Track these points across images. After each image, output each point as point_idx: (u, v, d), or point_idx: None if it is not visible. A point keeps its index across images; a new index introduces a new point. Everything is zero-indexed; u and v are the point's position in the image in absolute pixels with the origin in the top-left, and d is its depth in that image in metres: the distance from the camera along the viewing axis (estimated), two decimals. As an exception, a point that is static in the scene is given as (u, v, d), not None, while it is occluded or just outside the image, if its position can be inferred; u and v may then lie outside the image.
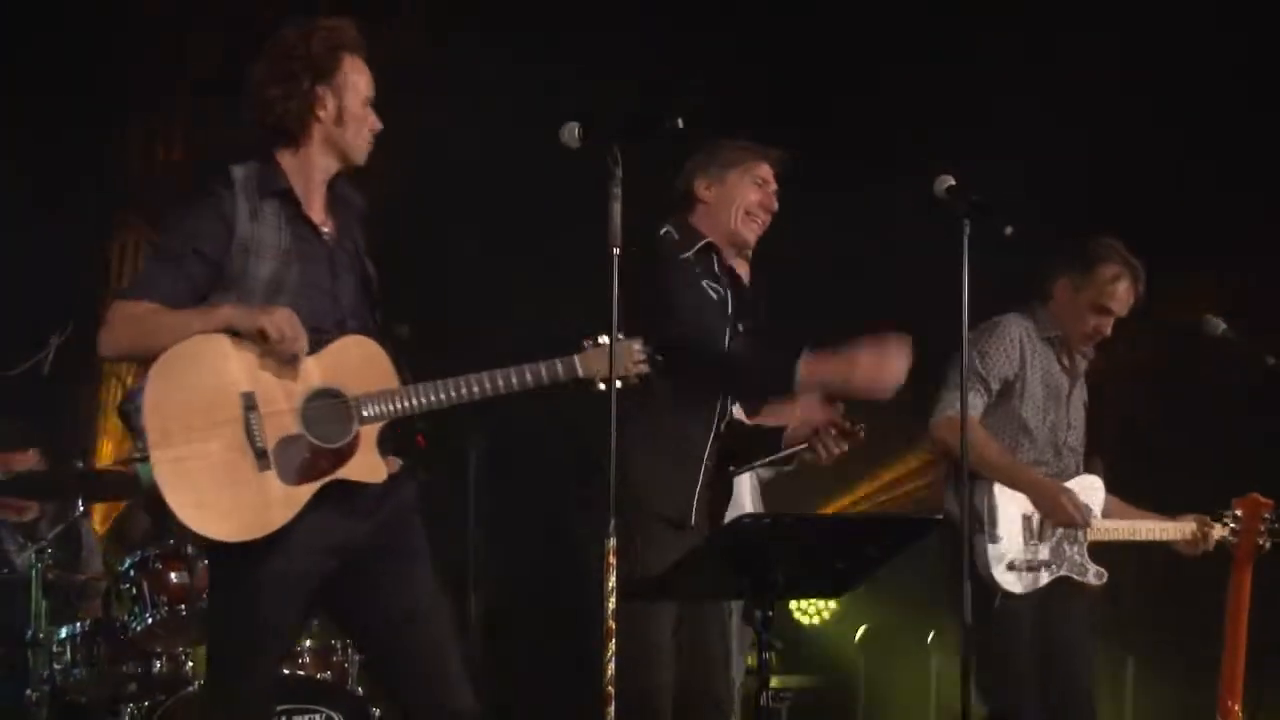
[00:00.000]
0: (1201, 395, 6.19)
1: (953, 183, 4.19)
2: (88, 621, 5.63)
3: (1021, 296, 5.27)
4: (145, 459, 3.57)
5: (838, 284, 6.86)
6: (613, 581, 3.67)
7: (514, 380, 3.84)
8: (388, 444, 3.79)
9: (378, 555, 3.78)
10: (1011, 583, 4.92)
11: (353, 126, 3.86)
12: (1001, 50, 6.89)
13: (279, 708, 5.21)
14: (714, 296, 4.40)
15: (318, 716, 5.34)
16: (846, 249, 6.82)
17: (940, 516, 3.76)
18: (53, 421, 6.36)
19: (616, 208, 3.74)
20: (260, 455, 3.62)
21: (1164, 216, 6.41)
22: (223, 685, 3.82)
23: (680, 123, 3.85)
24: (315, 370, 3.71)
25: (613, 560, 3.68)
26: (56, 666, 5.50)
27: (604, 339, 3.90)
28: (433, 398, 3.77)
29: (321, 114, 3.83)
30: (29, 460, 6.17)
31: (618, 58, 6.73)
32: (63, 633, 5.58)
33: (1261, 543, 4.91)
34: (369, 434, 3.72)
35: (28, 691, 5.43)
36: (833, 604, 6.71)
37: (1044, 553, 4.98)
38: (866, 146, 6.91)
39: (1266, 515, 4.93)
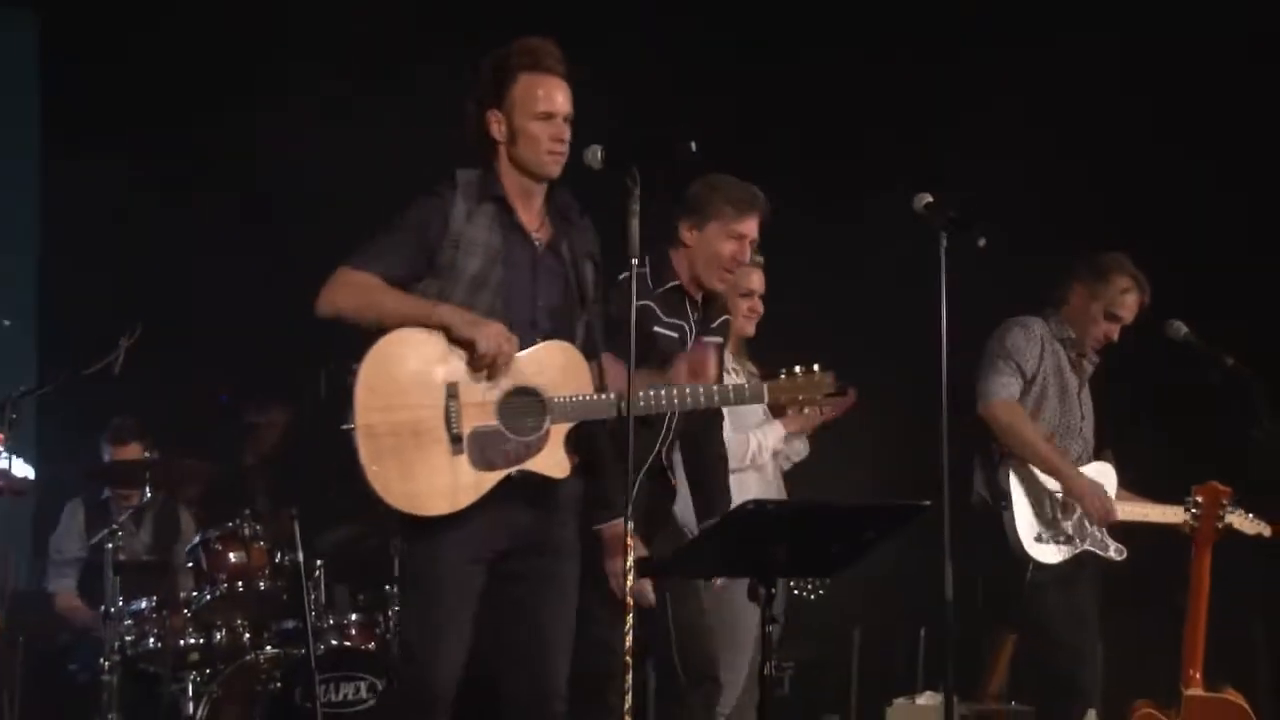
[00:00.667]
0: (1166, 393, 6.35)
1: (930, 199, 4.31)
2: (154, 597, 5.87)
3: (1018, 299, 5.54)
4: (354, 428, 3.76)
5: (837, 284, 6.86)
6: (631, 560, 3.81)
7: (700, 396, 4.01)
8: (572, 443, 3.95)
9: (535, 545, 3.93)
10: (1042, 553, 5.21)
11: (525, 143, 3.92)
12: (1001, 51, 6.87)
13: (324, 675, 5.49)
14: (673, 335, 4.50)
15: (361, 683, 5.62)
16: (847, 251, 6.81)
17: (928, 503, 4.07)
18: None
19: (635, 224, 3.89)
20: (455, 440, 3.79)
21: (1160, 219, 6.50)
22: (414, 669, 3.93)
23: (693, 146, 3.93)
24: (518, 369, 3.86)
25: (630, 542, 3.82)
26: (127, 638, 5.77)
27: (798, 368, 4.07)
28: (622, 405, 3.87)
29: (496, 135, 3.94)
30: (130, 453, 6.35)
31: (618, 68, 6.66)
32: (133, 607, 5.83)
33: (1219, 526, 5.11)
34: (558, 432, 3.88)
35: (101, 660, 5.66)
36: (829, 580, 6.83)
37: (1068, 528, 5.28)
38: (866, 149, 6.92)
39: (1224, 502, 5.10)
